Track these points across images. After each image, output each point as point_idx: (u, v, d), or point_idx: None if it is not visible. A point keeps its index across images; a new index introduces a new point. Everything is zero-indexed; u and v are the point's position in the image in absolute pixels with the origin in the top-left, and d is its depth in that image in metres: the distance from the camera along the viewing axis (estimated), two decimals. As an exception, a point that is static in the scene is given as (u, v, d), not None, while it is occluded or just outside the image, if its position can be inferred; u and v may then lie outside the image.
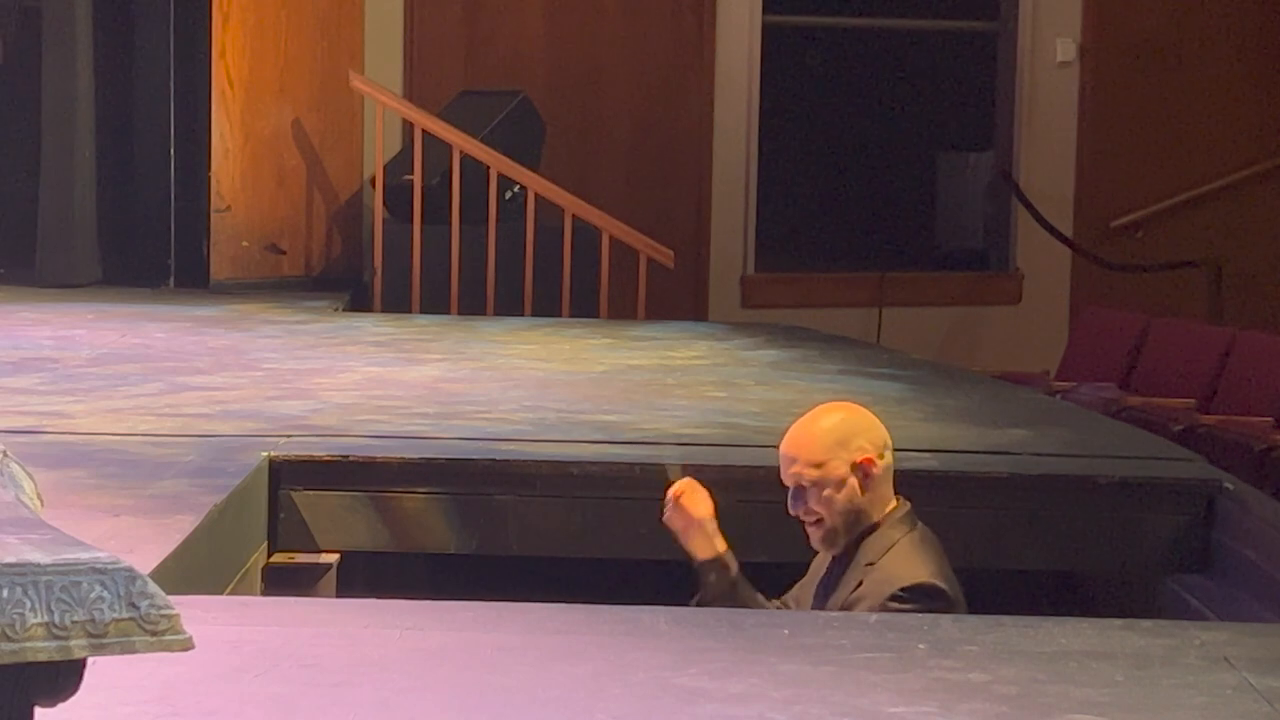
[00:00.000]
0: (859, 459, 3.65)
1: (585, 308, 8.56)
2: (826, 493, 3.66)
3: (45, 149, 8.68)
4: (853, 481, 3.65)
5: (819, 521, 3.69)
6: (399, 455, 4.36)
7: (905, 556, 3.61)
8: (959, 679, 2.69)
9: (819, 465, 3.66)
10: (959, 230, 10.80)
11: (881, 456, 3.68)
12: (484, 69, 9.44)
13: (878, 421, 3.75)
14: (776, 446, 3.72)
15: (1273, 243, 10.20)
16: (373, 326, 7.48)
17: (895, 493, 3.72)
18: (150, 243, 8.91)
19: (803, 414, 3.77)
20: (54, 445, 4.35)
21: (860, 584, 3.60)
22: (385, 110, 8.73)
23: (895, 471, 3.68)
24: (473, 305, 8.53)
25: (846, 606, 3.60)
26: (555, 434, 4.75)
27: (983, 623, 3.11)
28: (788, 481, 3.71)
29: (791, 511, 3.71)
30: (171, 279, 8.84)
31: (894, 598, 3.52)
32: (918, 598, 3.50)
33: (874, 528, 3.66)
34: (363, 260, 9.09)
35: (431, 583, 4.71)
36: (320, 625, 3.02)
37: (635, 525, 4.30)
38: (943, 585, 3.55)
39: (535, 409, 5.20)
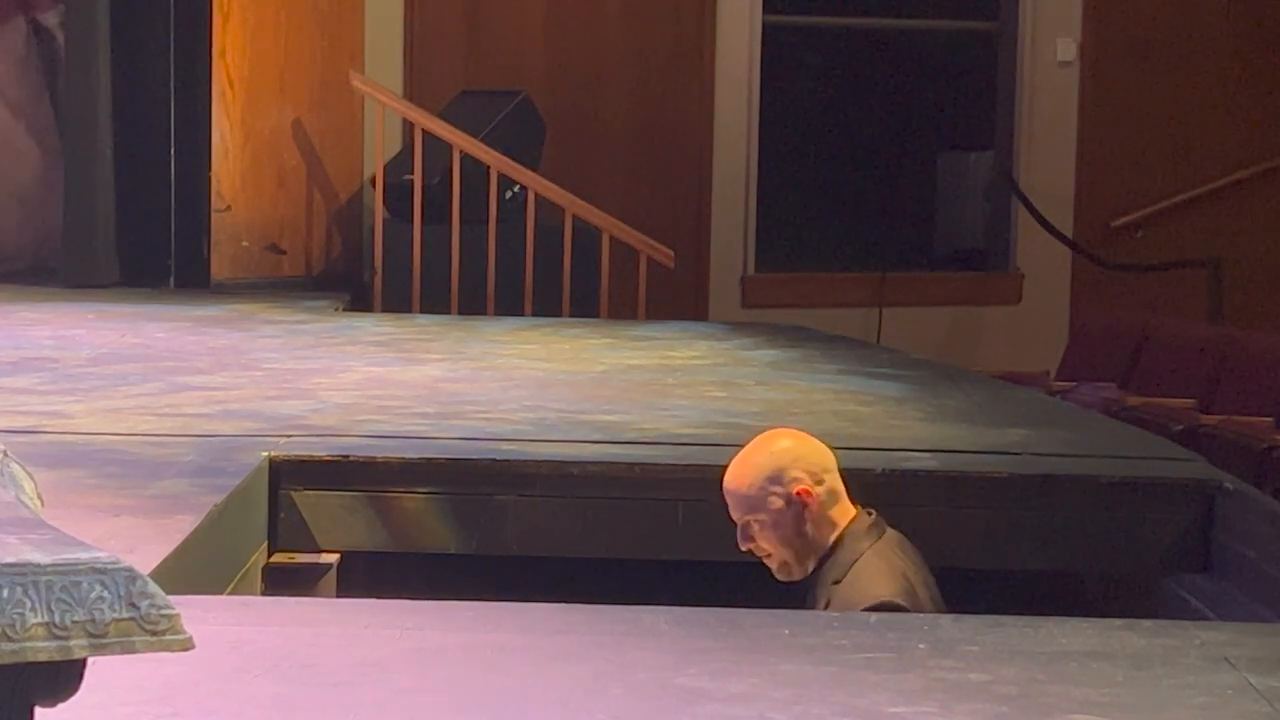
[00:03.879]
0: (795, 491, 3.58)
1: (585, 308, 8.56)
2: (767, 530, 3.62)
3: (67, 151, 8.68)
4: (790, 514, 3.60)
5: (769, 556, 3.66)
6: (399, 455, 4.36)
7: (869, 572, 3.56)
8: (959, 679, 2.69)
9: (754, 504, 3.61)
10: (959, 230, 10.80)
11: (821, 483, 3.60)
12: (484, 69, 9.45)
13: (816, 446, 3.67)
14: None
15: (1273, 243, 10.19)
16: (373, 326, 7.48)
17: (856, 504, 3.68)
18: (150, 243, 8.90)
19: (752, 439, 3.73)
20: (54, 445, 4.34)
21: (828, 603, 3.58)
22: (385, 110, 8.73)
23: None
24: (473, 305, 8.53)
25: None
26: (555, 434, 4.74)
27: (983, 623, 3.11)
28: (733, 518, 3.68)
29: (741, 547, 3.67)
30: (172, 279, 8.84)
31: None
32: None
33: (835, 546, 3.62)
34: (363, 260, 9.09)
35: (431, 583, 4.71)
36: (320, 625, 3.02)
37: (635, 525, 4.30)
38: (903, 603, 3.51)
39: (535, 409, 5.20)
